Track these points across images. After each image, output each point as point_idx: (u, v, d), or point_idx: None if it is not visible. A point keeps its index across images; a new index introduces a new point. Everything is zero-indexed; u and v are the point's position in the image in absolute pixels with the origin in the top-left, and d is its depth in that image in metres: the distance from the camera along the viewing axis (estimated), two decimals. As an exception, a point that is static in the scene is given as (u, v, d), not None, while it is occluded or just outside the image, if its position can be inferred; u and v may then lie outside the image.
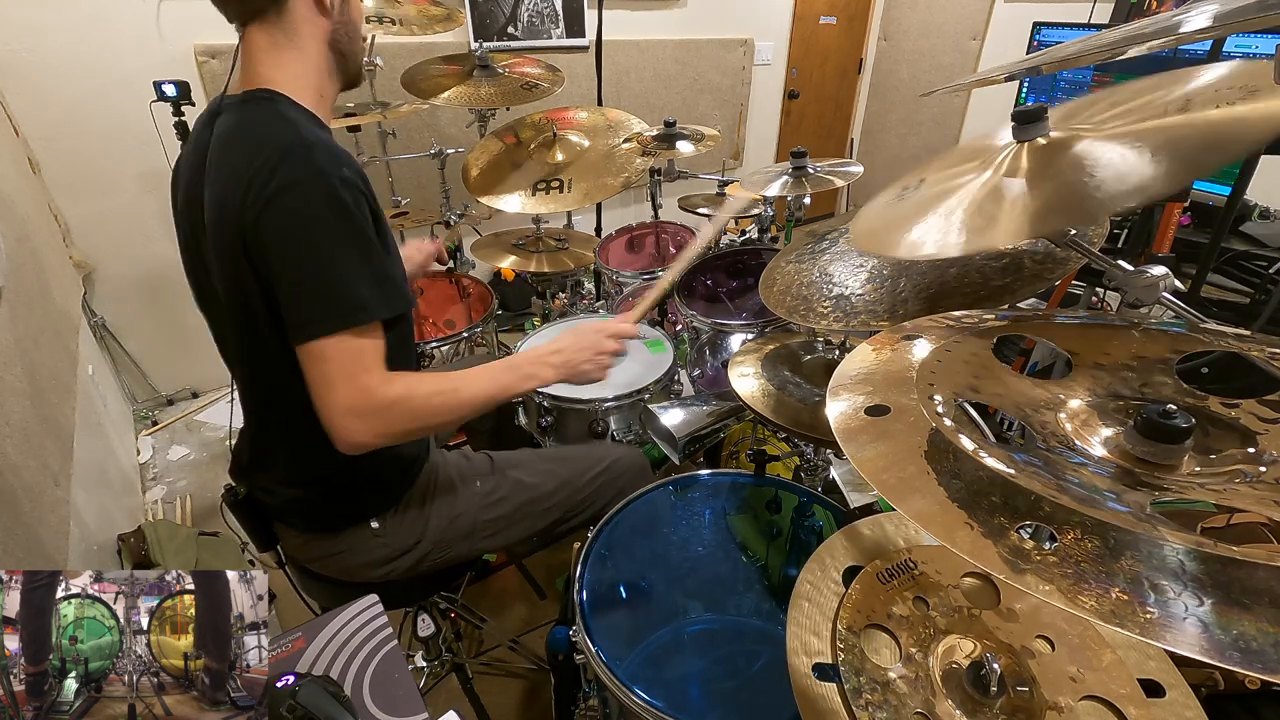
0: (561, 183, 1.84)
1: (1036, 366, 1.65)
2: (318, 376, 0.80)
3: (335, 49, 0.89)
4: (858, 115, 4.63)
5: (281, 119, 0.82)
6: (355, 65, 0.94)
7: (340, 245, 0.79)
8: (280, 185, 0.76)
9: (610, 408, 1.34)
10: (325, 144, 0.81)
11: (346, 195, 0.79)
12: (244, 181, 0.77)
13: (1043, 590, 0.36)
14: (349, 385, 0.80)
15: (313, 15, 0.85)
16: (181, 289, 0.91)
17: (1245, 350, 0.55)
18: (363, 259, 0.81)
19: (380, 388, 0.81)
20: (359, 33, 0.93)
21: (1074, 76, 2.04)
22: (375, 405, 0.81)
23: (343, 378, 0.79)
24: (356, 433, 0.81)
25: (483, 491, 1.11)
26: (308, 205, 0.77)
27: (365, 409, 0.80)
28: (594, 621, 0.87)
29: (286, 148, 0.78)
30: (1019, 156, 0.73)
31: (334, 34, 0.88)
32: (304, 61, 0.87)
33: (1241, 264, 1.58)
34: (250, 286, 0.81)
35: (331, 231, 0.78)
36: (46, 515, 1.22)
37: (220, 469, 2.24)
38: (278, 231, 0.77)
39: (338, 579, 1.06)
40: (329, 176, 0.78)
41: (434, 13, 2.11)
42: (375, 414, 0.81)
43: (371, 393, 0.80)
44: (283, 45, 0.85)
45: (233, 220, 0.78)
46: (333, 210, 0.78)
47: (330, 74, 0.91)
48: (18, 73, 2.01)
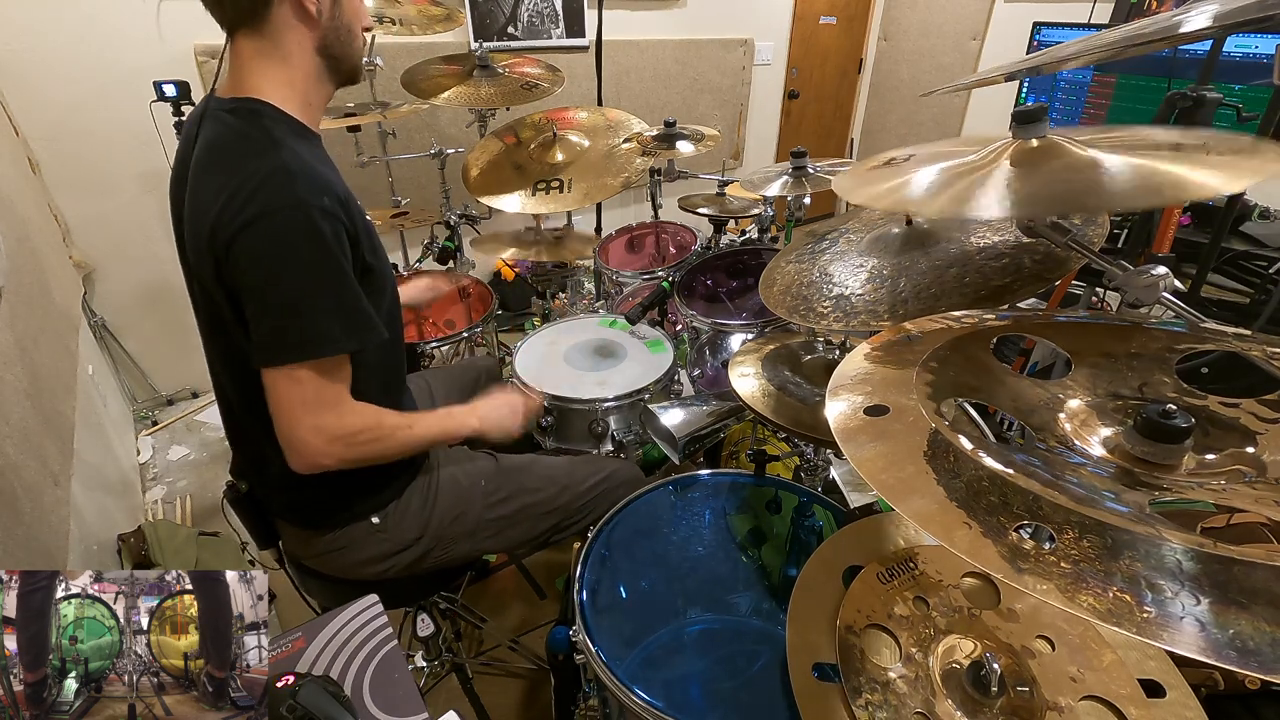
0: (561, 183, 1.84)
1: (1036, 366, 1.65)
2: (280, 399, 0.82)
3: (325, 54, 0.88)
4: (858, 115, 4.63)
5: (266, 139, 0.81)
6: (351, 65, 0.93)
7: (312, 276, 0.79)
8: (258, 211, 0.76)
9: (610, 408, 1.34)
10: (307, 170, 0.80)
11: (325, 226, 0.79)
12: (221, 201, 0.77)
13: (1042, 590, 0.36)
14: (311, 414, 0.83)
15: (296, 24, 0.84)
16: (182, 289, 0.91)
17: (1245, 350, 0.55)
18: (332, 291, 0.81)
19: (346, 416, 0.86)
20: (354, 33, 0.91)
21: (1074, 76, 2.04)
22: (341, 431, 0.86)
23: (303, 406, 0.82)
24: (320, 454, 0.85)
25: (486, 491, 1.11)
26: (283, 233, 0.77)
27: (332, 433, 0.85)
28: (594, 621, 0.87)
29: (268, 173, 0.78)
30: (1008, 150, 0.73)
31: (323, 39, 0.87)
32: (289, 71, 0.86)
33: (1241, 264, 1.57)
34: (220, 300, 0.82)
35: (304, 262, 0.79)
36: (46, 515, 1.23)
37: (220, 469, 2.24)
38: (251, 257, 0.77)
39: (338, 576, 1.06)
40: (308, 207, 0.78)
41: (434, 13, 2.10)
42: (340, 439, 0.86)
43: (338, 420, 0.85)
44: (268, 54, 0.84)
45: (206, 237, 0.78)
46: (308, 240, 0.78)
47: (320, 79, 0.90)
48: (18, 73, 2.01)
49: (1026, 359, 1.66)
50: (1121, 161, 0.64)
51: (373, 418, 0.90)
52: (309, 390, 0.82)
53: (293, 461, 0.85)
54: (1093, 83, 2.00)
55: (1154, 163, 0.63)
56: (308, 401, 0.82)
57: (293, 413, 0.82)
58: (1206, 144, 0.65)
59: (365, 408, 0.89)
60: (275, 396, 0.82)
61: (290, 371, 0.81)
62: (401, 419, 0.94)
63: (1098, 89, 1.99)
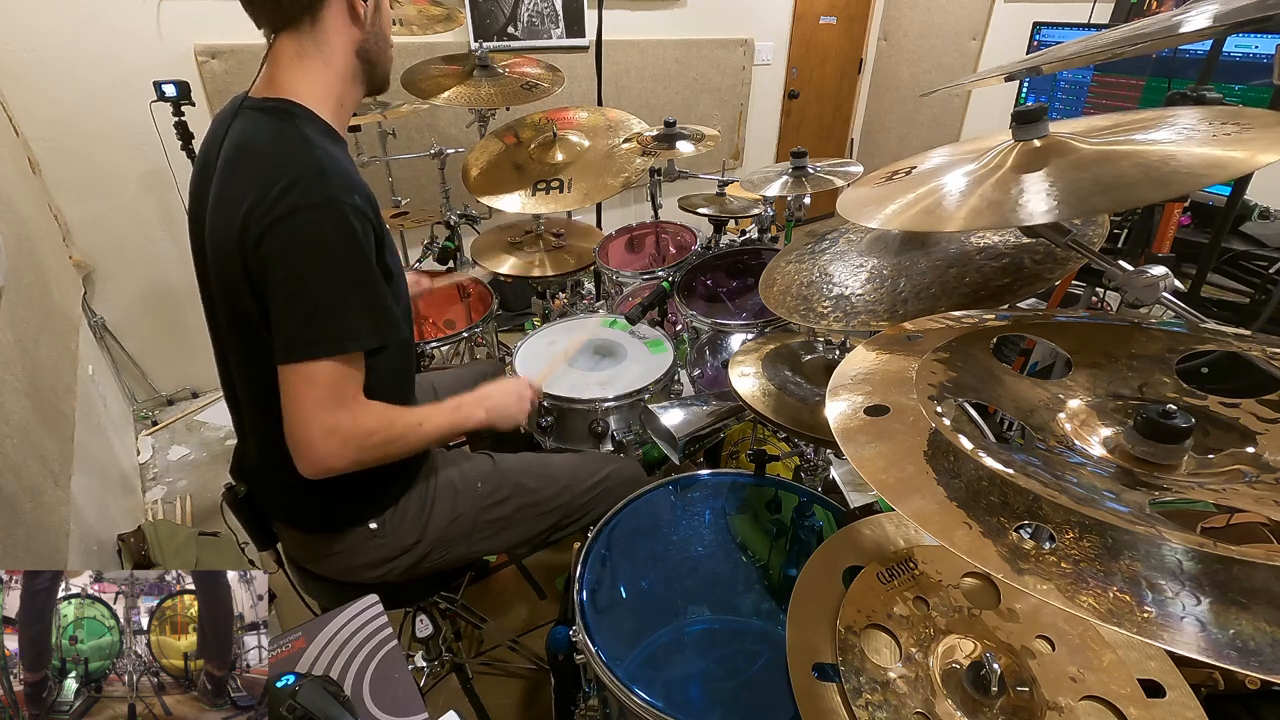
0: (561, 183, 1.84)
1: (1036, 366, 1.65)
2: (298, 397, 0.81)
3: (364, 58, 0.90)
4: (858, 115, 4.63)
5: (300, 138, 0.82)
6: (383, 73, 0.95)
7: (341, 273, 0.80)
8: (290, 207, 0.77)
9: (610, 408, 1.34)
10: (340, 170, 0.81)
11: (355, 223, 0.80)
12: (252, 197, 0.78)
13: (1041, 590, 0.36)
14: (331, 410, 0.82)
15: (346, 26, 0.86)
16: (182, 289, 0.91)
17: (1245, 350, 0.55)
18: (360, 288, 0.82)
19: (361, 416, 0.85)
20: (388, 40, 0.93)
21: (1074, 76, 2.04)
22: (356, 432, 0.84)
23: (326, 402, 0.81)
24: (332, 456, 0.83)
25: (484, 492, 1.11)
26: (315, 230, 0.78)
27: (346, 433, 0.84)
28: (594, 621, 0.87)
29: (301, 170, 0.79)
30: (1008, 154, 0.73)
31: (364, 43, 0.88)
32: (329, 72, 0.87)
33: (1241, 264, 1.57)
34: (245, 296, 0.82)
35: (334, 258, 0.79)
36: (46, 515, 1.22)
37: (220, 469, 2.24)
38: (281, 252, 0.77)
39: (337, 579, 1.06)
40: (340, 204, 0.79)
41: (434, 13, 2.11)
42: (354, 439, 0.85)
43: (352, 420, 0.84)
44: (310, 55, 0.85)
45: (235, 231, 0.79)
46: (339, 237, 0.79)
47: (355, 82, 0.91)
48: (18, 73, 2.01)
49: (1026, 359, 1.66)
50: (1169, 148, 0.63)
51: (384, 418, 0.89)
52: (326, 388, 0.81)
53: (301, 465, 0.84)
54: (1092, 82, 2.00)
55: (1204, 148, 0.61)
56: (323, 400, 0.81)
57: (307, 412, 0.81)
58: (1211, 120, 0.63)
59: (378, 407, 0.88)
60: (292, 394, 0.81)
61: (311, 368, 0.80)
62: (412, 416, 0.94)
63: (1098, 89, 1.99)
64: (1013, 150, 0.73)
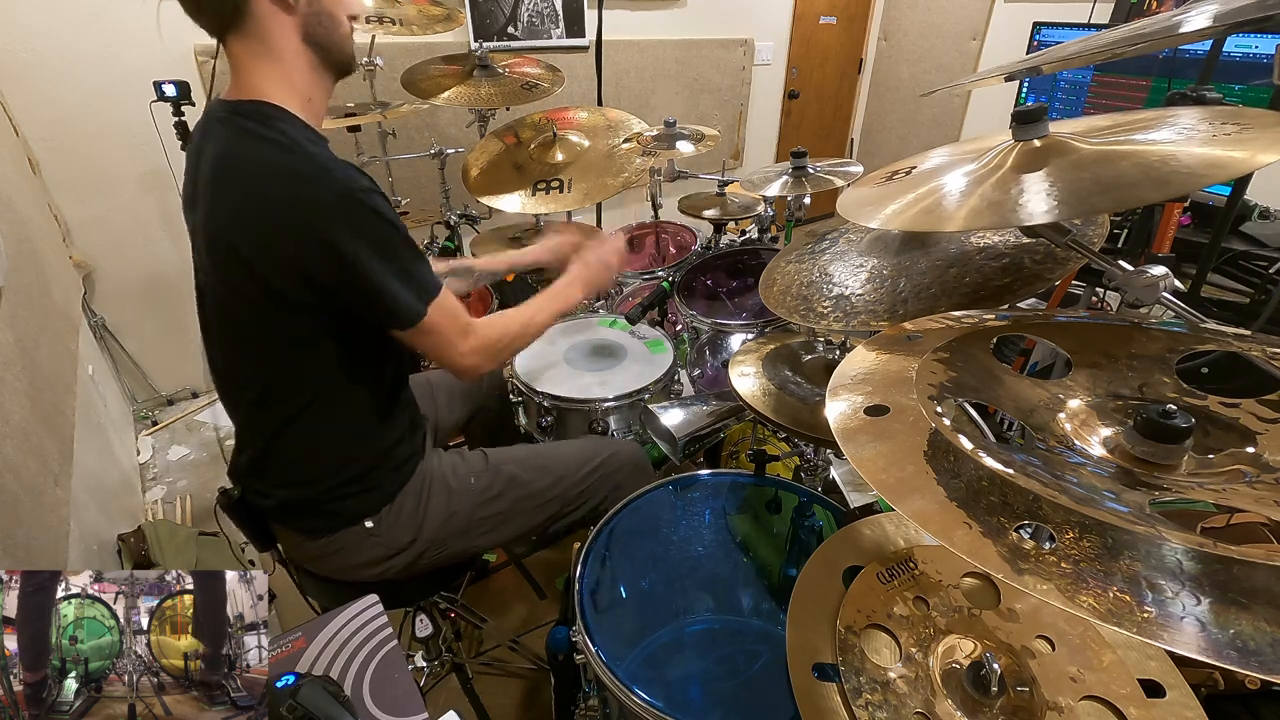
0: (561, 183, 1.84)
1: (1036, 366, 1.65)
2: (436, 343, 0.94)
3: (312, 42, 0.87)
4: (858, 115, 4.63)
5: (286, 139, 0.82)
6: (342, 54, 0.92)
7: (398, 241, 0.87)
8: (321, 205, 0.80)
9: (610, 408, 1.34)
10: (337, 162, 0.84)
11: (378, 200, 0.85)
12: (274, 209, 0.80)
13: (1042, 590, 0.36)
14: (464, 337, 0.96)
15: (279, 15, 0.84)
16: (182, 289, 0.92)
17: (1245, 350, 0.55)
18: (411, 247, 0.90)
19: (483, 333, 1.00)
20: (336, 19, 0.89)
21: (1074, 76, 2.04)
22: (486, 345, 1.00)
23: (457, 334, 0.96)
24: (480, 367, 1.00)
25: (478, 488, 1.11)
26: (358, 217, 0.82)
27: (481, 348, 0.99)
28: (594, 621, 0.87)
29: (306, 174, 0.80)
30: (1008, 154, 0.73)
31: (305, 27, 0.86)
32: (283, 67, 0.86)
33: (1241, 264, 1.57)
34: (283, 289, 0.83)
35: (381, 237, 0.85)
36: (46, 515, 1.22)
37: (220, 469, 2.24)
38: (353, 235, 0.82)
39: (335, 578, 1.06)
40: (357, 189, 0.83)
41: (434, 13, 2.10)
42: (488, 351, 1.00)
43: (480, 340, 0.99)
44: (259, 54, 0.85)
45: (269, 230, 0.80)
46: (372, 216, 0.84)
47: (315, 71, 0.90)
48: (18, 73, 2.01)
49: (1026, 359, 1.66)
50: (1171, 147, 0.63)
51: (501, 327, 1.03)
52: (447, 329, 0.93)
53: (463, 376, 1.00)
54: (1092, 82, 2.00)
55: (1204, 148, 0.62)
56: (451, 339, 0.95)
57: (446, 354, 0.95)
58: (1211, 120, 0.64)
59: (494, 318, 1.03)
60: (428, 344, 0.94)
61: (427, 321, 0.90)
62: (522, 315, 1.07)
63: (1098, 89, 1.99)
64: (1013, 150, 0.73)
